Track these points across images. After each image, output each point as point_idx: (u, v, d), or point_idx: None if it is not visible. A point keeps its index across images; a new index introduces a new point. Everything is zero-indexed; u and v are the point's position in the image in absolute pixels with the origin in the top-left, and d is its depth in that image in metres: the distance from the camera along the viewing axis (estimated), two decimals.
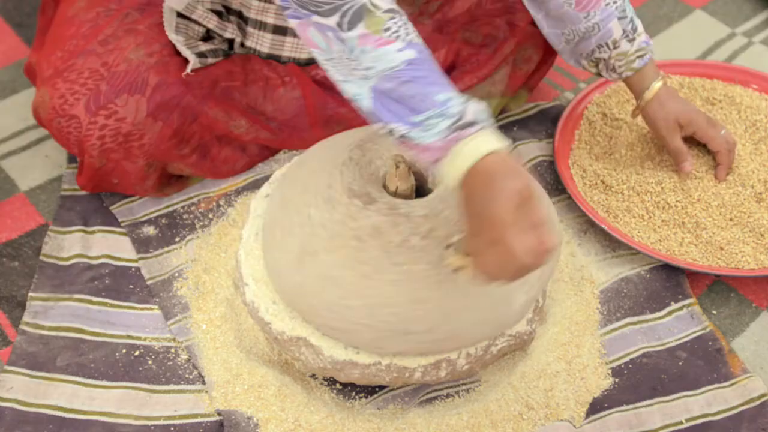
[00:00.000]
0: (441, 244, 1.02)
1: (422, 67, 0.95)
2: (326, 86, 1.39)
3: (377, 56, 0.94)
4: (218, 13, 1.34)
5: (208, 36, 1.35)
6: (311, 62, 1.40)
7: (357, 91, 0.97)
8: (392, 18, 0.95)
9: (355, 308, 1.04)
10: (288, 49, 1.37)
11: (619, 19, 1.28)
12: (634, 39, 1.29)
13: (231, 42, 1.37)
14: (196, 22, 1.33)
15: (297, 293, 1.09)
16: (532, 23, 1.40)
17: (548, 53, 1.47)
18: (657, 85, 1.32)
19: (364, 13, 0.94)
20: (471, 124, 0.92)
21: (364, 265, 1.03)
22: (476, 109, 0.93)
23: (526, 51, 1.44)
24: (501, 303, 1.08)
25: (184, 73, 1.28)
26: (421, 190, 1.12)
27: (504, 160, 0.90)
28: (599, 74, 1.35)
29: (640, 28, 1.30)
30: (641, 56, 1.30)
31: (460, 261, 0.95)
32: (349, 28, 0.94)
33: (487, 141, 0.91)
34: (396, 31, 0.95)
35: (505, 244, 0.86)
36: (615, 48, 1.30)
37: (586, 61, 1.34)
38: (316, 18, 0.96)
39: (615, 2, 1.27)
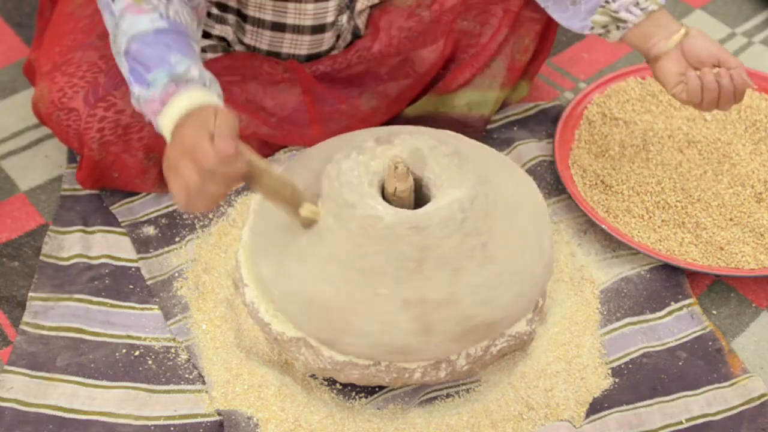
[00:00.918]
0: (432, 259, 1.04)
1: (169, 37, 1.05)
2: (326, 82, 1.39)
3: (132, 23, 1.06)
4: (207, 13, 1.34)
5: (205, 33, 1.35)
6: (311, 58, 1.40)
7: (119, 59, 1.07)
8: None
9: (336, 321, 1.05)
10: (287, 45, 1.37)
11: None
12: None
13: (227, 39, 1.37)
14: None
15: (283, 299, 1.10)
16: (527, 8, 1.40)
17: (544, 41, 1.47)
18: (683, 27, 1.24)
19: None
20: (189, 80, 1.02)
21: (351, 271, 1.04)
22: (199, 70, 1.04)
23: (523, 41, 1.44)
24: (531, 265, 1.09)
25: None
26: (418, 190, 1.12)
27: (208, 108, 0.98)
28: (608, 30, 1.27)
29: None
30: None
31: (306, 211, 1.05)
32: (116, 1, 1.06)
33: (199, 95, 1.01)
34: (156, 6, 1.06)
35: (192, 151, 0.93)
36: None
37: (598, 15, 1.26)
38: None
39: None
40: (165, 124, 1.01)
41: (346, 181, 1.08)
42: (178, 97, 1.01)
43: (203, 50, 1.32)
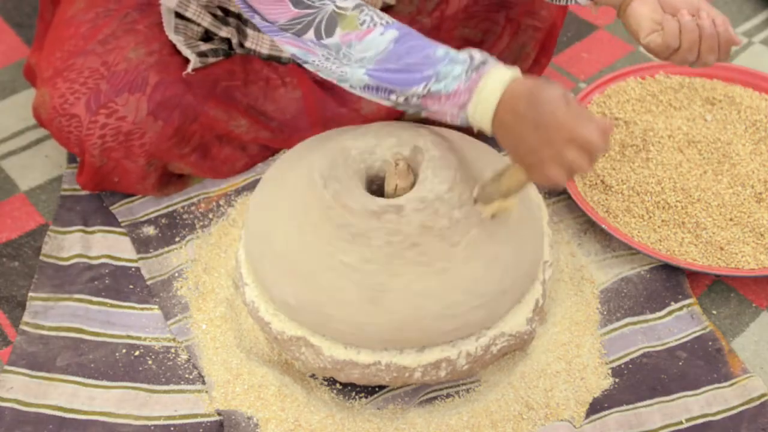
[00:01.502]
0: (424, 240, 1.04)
1: (409, 38, 1.02)
2: (326, 86, 1.39)
3: (365, 47, 1.02)
4: (213, 15, 1.34)
5: (207, 36, 1.35)
6: None
7: (359, 78, 1.04)
8: (362, 11, 1.02)
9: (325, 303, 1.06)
10: None
11: None
12: None
13: (230, 41, 1.37)
14: (192, 21, 1.33)
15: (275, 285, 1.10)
16: (528, 16, 1.39)
17: (545, 49, 1.47)
18: None
19: (337, 18, 1.02)
20: (483, 62, 0.99)
21: (344, 254, 1.05)
22: (479, 51, 1.00)
23: (524, 48, 1.44)
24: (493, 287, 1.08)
25: (185, 73, 1.28)
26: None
27: (529, 82, 0.96)
28: None
29: None
30: None
31: (494, 207, 1.05)
32: (328, 36, 1.03)
33: (503, 72, 0.98)
34: (371, 21, 1.03)
35: (579, 135, 0.91)
36: None
37: None
38: (294, 37, 1.05)
39: None
40: (480, 111, 0.98)
41: (334, 175, 1.09)
42: (486, 81, 0.98)
43: (204, 54, 1.32)
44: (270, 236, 1.10)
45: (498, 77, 0.98)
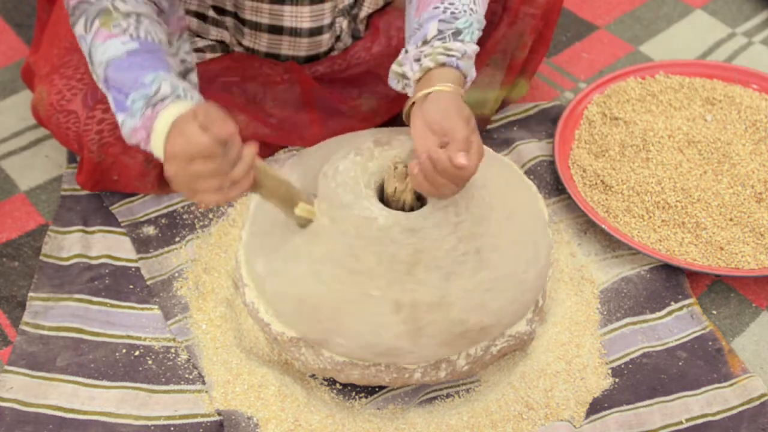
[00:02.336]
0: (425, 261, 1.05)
1: (141, 56, 1.04)
2: (326, 83, 1.39)
3: (105, 48, 1.04)
4: (203, 17, 1.34)
5: (203, 36, 1.35)
6: (310, 60, 1.40)
7: (109, 100, 1.05)
8: (128, 18, 1.05)
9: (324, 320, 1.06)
10: (286, 47, 1.37)
11: (440, 21, 1.11)
12: (449, 40, 1.10)
13: (224, 41, 1.37)
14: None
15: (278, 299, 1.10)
16: (524, 3, 1.39)
17: (541, 37, 1.46)
18: (442, 87, 1.06)
19: (102, 13, 1.05)
20: (163, 98, 1.00)
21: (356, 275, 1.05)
22: (172, 84, 1.01)
23: (521, 37, 1.44)
24: (525, 272, 1.09)
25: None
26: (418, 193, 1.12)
27: (184, 117, 0.95)
28: (403, 86, 1.14)
29: (470, 43, 1.11)
30: (451, 55, 1.08)
31: (302, 211, 1.06)
32: (89, 29, 1.05)
33: (175, 110, 0.97)
34: (125, 29, 1.05)
35: (192, 150, 0.92)
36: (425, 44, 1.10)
37: (395, 65, 1.13)
38: (76, 28, 1.07)
39: (443, 4, 1.12)
40: (156, 150, 0.99)
41: (342, 181, 1.08)
42: (157, 121, 0.98)
43: (202, 50, 1.32)
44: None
45: (167, 116, 0.97)
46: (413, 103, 1.09)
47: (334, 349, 1.07)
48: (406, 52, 1.12)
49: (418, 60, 1.09)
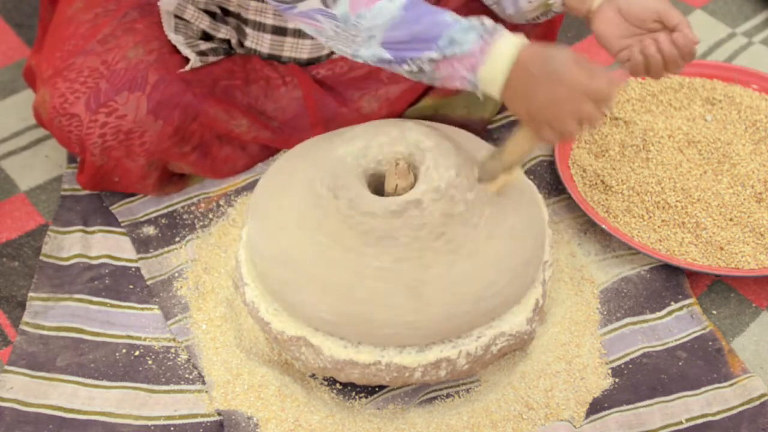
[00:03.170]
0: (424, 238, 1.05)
1: (417, 4, 1.04)
2: (327, 86, 1.39)
3: (374, 14, 1.03)
4: (212, 14, 1.34)
5: (207, 35, 1.35)
6: (312, 62, 1.40)
7: (370, 52, 1.06)
8: None
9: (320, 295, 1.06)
10: (288, 49, 1.37)
11: None
12: None
13: (230, 41, 1.37)
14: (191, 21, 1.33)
15: (281, 285, 1.10)
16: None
17: (546, 42, 1.46)
18: None
19: None
20: (495, 28, 1.02)
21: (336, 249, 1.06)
22: (488, 19, 1.03)
23: None
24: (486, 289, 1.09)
25: (181, 71, 1.28)
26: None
27: (539, 46, 1.01)
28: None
29: None
30: None
31: (499, 182, 1.09)
32: (334, 2, 1.04)
33: (514, 38, 1.02)
34: None
35: (593, 88, 0.98)
36: None
37: None
38: (299, 7, 1.05)
39: None
40: (492, 73, 1.01)
41: (338, 172, 1.09)
42: (500, 45, 1.01)
43: (204, 53, 1.32)
44: (289, 258, 1.09)
45: (511, 41, 1.01)
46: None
47: (306, 311, 1.08)
48: None
49: None
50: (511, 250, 1.09)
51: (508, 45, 1.01)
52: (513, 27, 1.39)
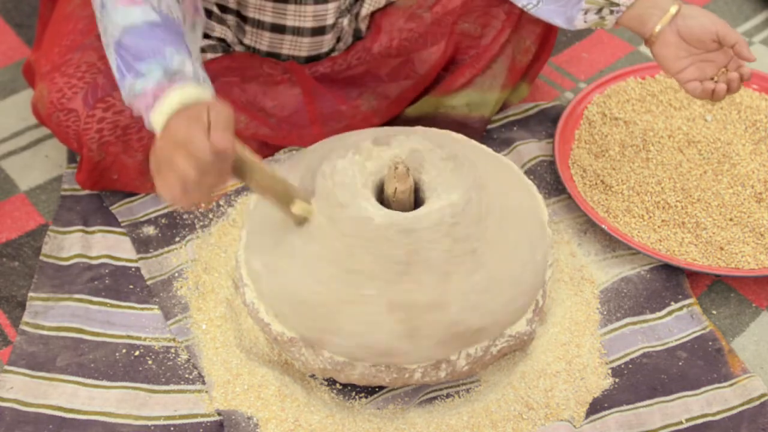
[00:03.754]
0: (430, 262, 1.04)
1: (162, 31, 1.04)
2: (326, 83, 1.39)
3: (126, 13, 1.03)
4: (208, 13, 1.34)
5: (206, 34, 1.35)
6: (311, 60, 1.40)
7: (109, 53, 1.05)
8: None
9: (320, 319, 1.06)
10: (287, 47, 1.37)
11: None
12: None
13: (227, 40, 1.37)
14: None
15: (275, 299, 1.10)
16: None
17: (545, 43, 1.47)
18: (675, 4, 1.20)
19: None
20: (183, 76, 1.00)
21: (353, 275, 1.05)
22: (192, 66, 1.02)
23: (524, 42, 1.44)
24: (521, 274, 1.09)
25: None
26: (419, 190, 1.12)
27: (202, 104, 0.96)
28: (604, 14, 1.24)
29: None
30: None
31: (299, 209, 1.05)
32: None
33: (192, 92, 0.98)
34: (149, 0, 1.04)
35: (185, 138, 0.91)
36: None
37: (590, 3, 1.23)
38: None
39: None
40: (156, 119, 0.99)
41: (339, 180, 1.08)
42: (171, 93, 0.98)
43: (203, 50, 1.32)
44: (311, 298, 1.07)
45: (183, 94, 0.98)
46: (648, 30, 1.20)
47: (331, 349, 1.07)
48: None
49: None
50: (528, 232, 1.10)
51: (176, 96, 0.98)
52: (509, 18, 1.40)
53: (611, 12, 1.23)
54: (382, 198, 1.11)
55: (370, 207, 1.06)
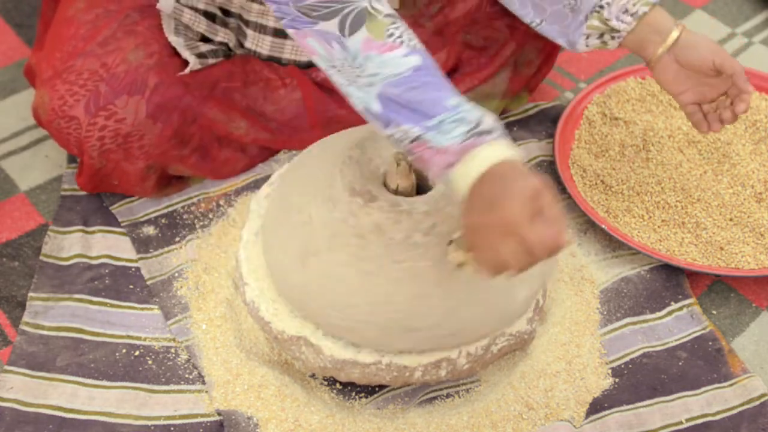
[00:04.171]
0: (443, 241, 1.03)
1: (429, 72, 0.95)
2: (326, 88, 1.39)
3: (382, 62, 0.94)
4: (212, 16, 1.34)
5: (206, 38, 1.35)
6: (312, 64, 1.40)
7: (362, 95, 0.96)
8: (393, 23, 0.95)
9: (358, 306, 1.04)
10: (288, 51, 1.37)
11: None
12: None
13: (228, 44, 1.37)
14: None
15: (300, 293, 1.09)
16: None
17: (549, 56, 1.47)
18: (680, 26, 1.21)
19: (366, 17, 0.94)
20: (489, 131, 0.92)
21: (367, 262, 1.04)
22: (492, 119, 0.93)
23: (528, 54, 1.44)
24: (503, 298, 1.08)
25: (181, 73, 1.28)
26: (421, 188, 1.12)
27: (516, 166, 0.90)
28: (605, 39, 1.23)
29: None
30: None
31: (462, 256, 0.96)
32: (351, 33, 0.95)
33: (502, 149, 0.91)
34: (399, 37, 0.95)
35: (521, 236, 0.86)
36: None
37: (593, 20, 1.22)
38: (318, 26, 0.96)
39: None
40: (462, 177, 0.91)
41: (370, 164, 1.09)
42: (480, 151, 0.90)
43: (204, 56, 1.31)
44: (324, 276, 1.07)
45: (491, 152, 0.91)
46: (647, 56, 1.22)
47: (316, 316, 1.08)
48: (601, 8, 1.20)
49: (625, 11, 1.19)
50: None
51: (489, 155, 0.90)
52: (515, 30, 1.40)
53: (612, 37, 1.23)
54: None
55: (386, 195, 1.07)
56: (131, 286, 1.29)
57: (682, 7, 1.78)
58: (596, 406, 1.16)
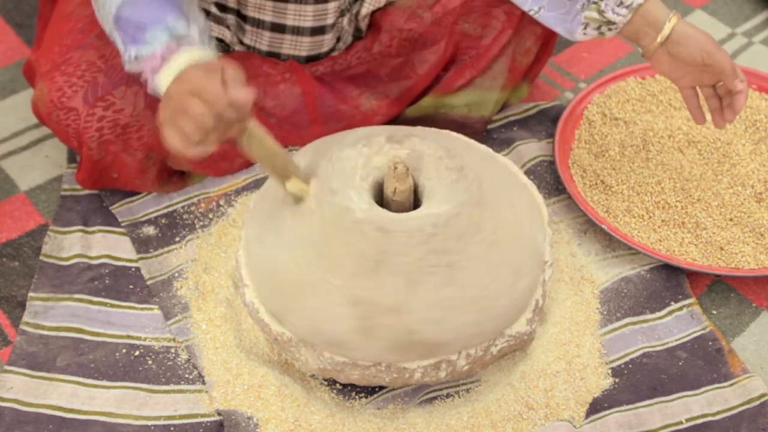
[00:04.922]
0: (440, 260, 1.04)
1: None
2: (326, 83, 1.39)
3: None
4: (205, 13, 1.34)
5: None
6: (311, 59, 1.40)
7: (114, 36, 1.07)
8: None
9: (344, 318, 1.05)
10: (287, 46, 1.37)
11: None
12: None
13: (224, 40, 1.37)
14: None
15: (281, 302, 1.10)
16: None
17: (546, 44, 1.47)
18: (673, 20, 1.23)
19: None
20: (191, 40, 1.03)
21: (349, 274, 1.05)
22: (200, 32, 1.05)
23: (525, 43, 1.44)
24: (502, 300, 1.08)
25: None
26: (417, 192, 1.12)
27: (208, 64, 0.98)
28: (602, 30, 1.26)
29: None
30: None
31: (299, 186, 1.07)
32: None
33: (201, 55, 1.01)
34: None
35: (200, 86, 0.94)
36: None
37: (590, 11, 1.24)
38: None
39: None
40: (164, 81, 1.01)
41: (340, 167, 1.08)
42: (180, 54, 1.01)
43: None
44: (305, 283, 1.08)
45: (195, 55, 1.01)
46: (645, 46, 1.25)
47: (288, 327, 1.09)
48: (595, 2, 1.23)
49: (620, 3, 1.22)
50: (517, 258, 1.09)
51: (184, 57, 1.01)
52: (510, 17, 1.40)
53: (609, 29, 1.26)
54: (382, 198, 1.11)
55: (357, 199, 1.06)
56: (131, 286, 1.29)
57: (682, 7, 1.78)
58: (596, 406, 1.16)
